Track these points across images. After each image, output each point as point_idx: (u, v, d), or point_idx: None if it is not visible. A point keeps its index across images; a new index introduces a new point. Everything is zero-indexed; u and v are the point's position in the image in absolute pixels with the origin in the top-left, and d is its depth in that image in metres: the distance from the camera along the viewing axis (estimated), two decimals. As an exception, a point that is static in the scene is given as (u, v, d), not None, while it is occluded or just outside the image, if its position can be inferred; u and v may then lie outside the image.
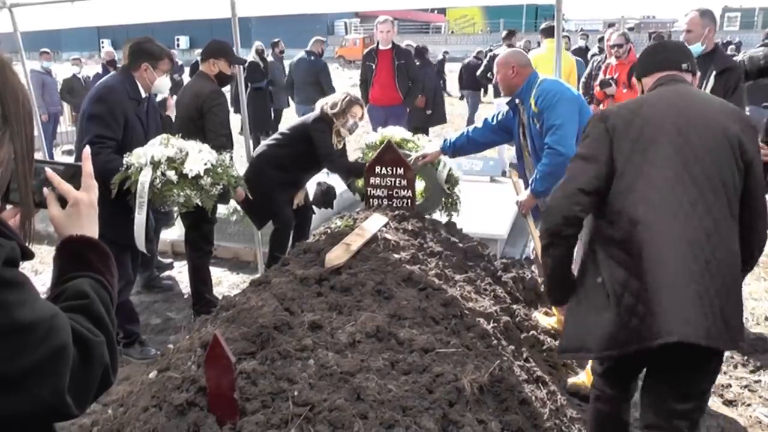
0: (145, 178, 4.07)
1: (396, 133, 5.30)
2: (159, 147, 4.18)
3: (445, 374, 2.74)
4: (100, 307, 1.31)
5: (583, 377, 4.18)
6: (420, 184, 5.16)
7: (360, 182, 5.33)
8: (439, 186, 5.00)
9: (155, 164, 4.11)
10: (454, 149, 4.98)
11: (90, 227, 1.45)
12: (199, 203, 4.24)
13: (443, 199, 5.13)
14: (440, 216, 5.13)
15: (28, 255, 1.19)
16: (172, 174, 4.09)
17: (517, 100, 4.52)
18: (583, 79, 8.68)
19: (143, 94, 4.57)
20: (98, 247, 1.45)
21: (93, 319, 1.27)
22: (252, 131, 9.08)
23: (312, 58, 11.08)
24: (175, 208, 4.31)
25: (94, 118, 4.32)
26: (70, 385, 1.14)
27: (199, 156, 4.22)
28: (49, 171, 1.42)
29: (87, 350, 1.20)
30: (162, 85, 4.64)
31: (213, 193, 4.28)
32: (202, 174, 4.19)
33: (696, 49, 4.85)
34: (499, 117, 4.78)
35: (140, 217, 4.11)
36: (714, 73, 4.78)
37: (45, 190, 1.42)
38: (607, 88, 7.73)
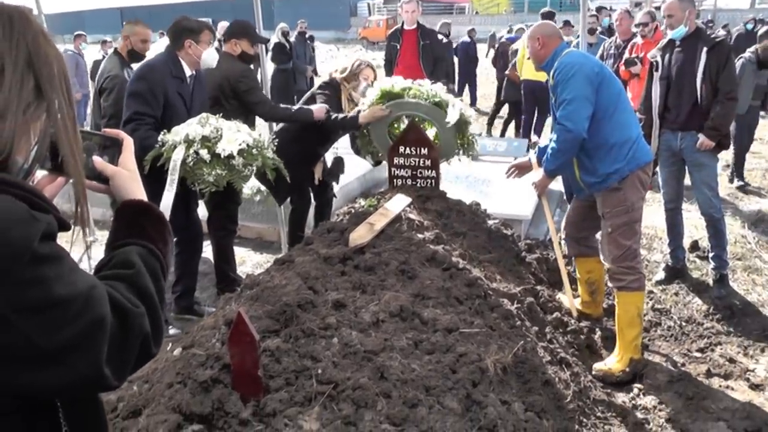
0: (177, 155, 4.07)
1: (395, 82, 5.02)
2: (195, 126, 4.19)
3: (468, 354, 2.73)
4: (145, 278, 1.30)
5: (610, 363, 4.14)
6: (431, 132, 5.00)
7: (362, 143, 5.29)
8: (451, 130, 4.81)
9: (189, 143, 4.12)
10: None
11: (138, 195, 1.46)
12: (232, 183, 4.23)
13: (458, 143, 4.94)
14: (458, 158, 5.01)
15: (65, 227, 1.18)
16: (204, 153, 4.09)
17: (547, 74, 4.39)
18: None
19: (188, 72, 4.64)
20: (153, 213, 1.45)
21: (136, 290, 1.26)
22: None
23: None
24: (203, 188, 4.29)
25: (134, 96, 4.42)
26: (108, 356, 1.14)
27: (234, 136, 4.20)
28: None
29: (125, 321, 1.19)
30: (210, 57, 4.70)
31: (245, 173, 4.28)
32: (235, 154, 4.17)
33: (680, 31, 5.09)
34: None
35: (169, 195, 4.07)
36: (705, 49, 4.99)
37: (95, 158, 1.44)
38: (632, 66, 7.63)
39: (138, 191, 1.46)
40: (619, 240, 4.17)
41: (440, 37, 9.43)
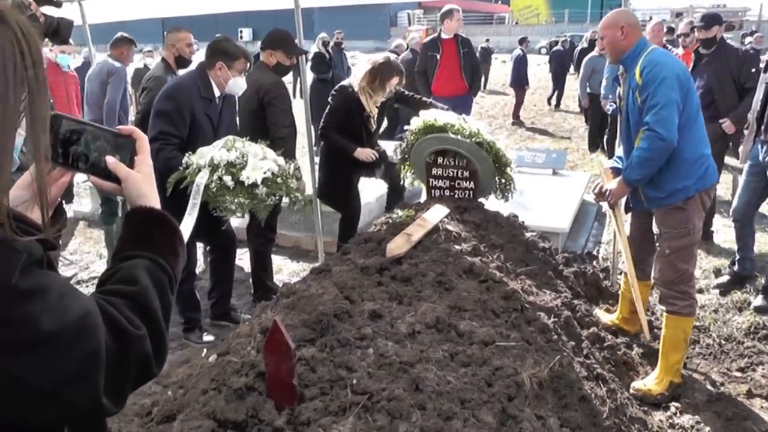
0: (201, 180, 3.98)
1: (438, 116, 4.90)
2: (221, 150, 4.09)
3: (504, 368, 2.71)
4: (150, 295, 1.22)
5: (650, 384, 4.05)
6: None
7: (401, 169, 5.28)
8: (489, 170, 4.79)
9: (213, 167, 4.03)
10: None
11: (152, 200, 1.35)
12: (254, 212, 4.21)
13: (496, 183, 4.90)
14: (495, 198, 5.00)
15: (51, 245, 1.08)
16: (228, 179, 4.00)
17: (621, 68, 4.09)
18: None
19: (216, 93, 4.56)
20: (164, 221, 1.35)
21: (140, 309, 1.19)
22: (314, 122, 9.11)
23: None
24: (224, 215, 4.21)
25: (160, 115, 4.35)
26: (105, 384, 1.07)
27: (259, 163, 4.11)
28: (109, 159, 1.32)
29: (124, 344, 1.12)
30: (236, 85, 4.59)
31: (268, 203, 4.17)
32: (259, 183, 4.07)
33: None
34: None
35: (190, 219, 3.92)
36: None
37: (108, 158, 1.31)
38: None
39: (152, 196, 1.35)
40: (677, 264, 3.97)
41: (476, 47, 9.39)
